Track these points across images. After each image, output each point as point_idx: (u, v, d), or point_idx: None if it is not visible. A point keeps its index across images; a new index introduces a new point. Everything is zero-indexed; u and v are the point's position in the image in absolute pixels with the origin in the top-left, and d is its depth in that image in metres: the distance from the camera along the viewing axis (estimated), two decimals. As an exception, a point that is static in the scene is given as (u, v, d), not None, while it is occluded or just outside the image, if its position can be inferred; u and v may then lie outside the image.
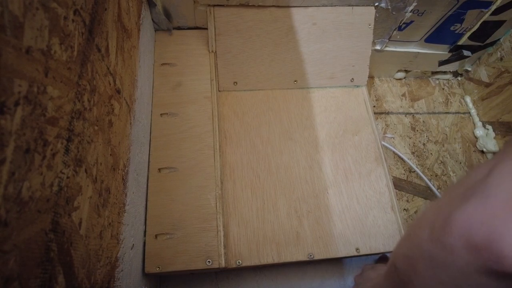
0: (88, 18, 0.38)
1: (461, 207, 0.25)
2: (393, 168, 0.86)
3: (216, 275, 0.68)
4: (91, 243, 0.37)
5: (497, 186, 0.24)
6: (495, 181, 0.25)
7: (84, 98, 0.36)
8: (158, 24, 0.72)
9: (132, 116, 0.54)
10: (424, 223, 0.30)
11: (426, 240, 0.29)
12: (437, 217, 0.28)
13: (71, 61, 0.33)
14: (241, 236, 0.62)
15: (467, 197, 0.25)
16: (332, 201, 0.67)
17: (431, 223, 0.28)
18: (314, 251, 0.62)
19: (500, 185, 0.24)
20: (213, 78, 0.71)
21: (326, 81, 0.79)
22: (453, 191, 0.29)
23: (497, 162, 0.26)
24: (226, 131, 0.71)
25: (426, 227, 0.29)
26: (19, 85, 0.25)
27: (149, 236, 0.58)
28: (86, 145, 0.36)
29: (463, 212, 0.25)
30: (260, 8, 0.72)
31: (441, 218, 0.27)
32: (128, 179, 0.51)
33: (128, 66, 0.53)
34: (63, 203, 0.31)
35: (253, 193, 0.66)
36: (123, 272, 0.46)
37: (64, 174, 0.31)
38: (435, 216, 0.28)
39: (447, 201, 0.28)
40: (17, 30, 0.25)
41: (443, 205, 0.28)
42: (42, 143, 0.28)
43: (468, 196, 0.25)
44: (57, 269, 0.30)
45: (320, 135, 0.74)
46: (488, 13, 0.77)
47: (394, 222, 0.67)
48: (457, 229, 0.25)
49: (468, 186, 0.26)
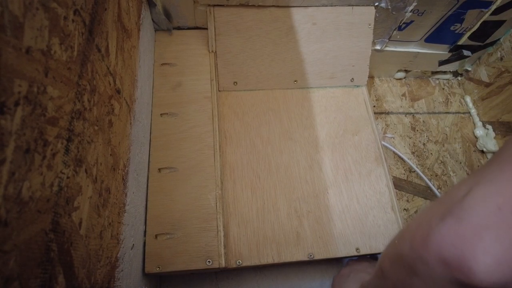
0: (88, 18, 0.38)
1: (437, 226, 0.29)
2: (393, 168, 0.86)
3: (216, 275, 0.68)
4: (91, 243, 0.37)
5: (470, 210, 0.27)
6: (469, 205, 0.27)
7: (84, 98, 0.36)
8: (158, 24, 0.72)
9: (132, 116, 0.54)
10: (406, 236, 0.33)
11: (407, 251, 0.32)
12: (417, 232, 0.31)
13: (71, 61, 0.33)
14: (241, 236, 0.62)
15: (444, 217, 0.28)
16: (332, 201, 0.67)
17: (412, 237, 0.32)
18: (314, 251, 0.62)
19: (473, 209, 0.27)
20: (213, 78, 0.71)
21: (326, 81, 0.79)
22: (434, 208, 0.32)
23: (475, 184, 0.28)
24: (226, 131, 0.71)
25: (407, 240, 0.32)
26: (19, 85, 0.25)
27: (149, 236, 0.58)
28: (86, 145, 0.36)
29: (438, 232, 0.28)
30: (260, 8, 0.72)
31: (420, 234, 0.30)
32: (128, 179, 0.51)
33: (128, 66, 0.53)
34: (63, 203, 0.31)
35: (253, 193, 0.66)
36: (123, 272, 0.46)
37: (64, 174, 0.31)
38: (415, 231, 0.32)
39: (427, 218, 0.31)
40: (17, 30, 0.25)
41: (423, 221, 0.31)
42: (42, 143, 0.28)
43: (445, 216, 0.29)
44: (57, 269, 0.30)
45: (320, 135, 0.74)
46: (488, 13, 0.77)
47: (394, 222, 0.67)
48: (432, 246, 0.28)
49: (447, 206, 0.29)
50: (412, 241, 0.31)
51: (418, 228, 0.31)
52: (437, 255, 0.28)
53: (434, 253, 0.28)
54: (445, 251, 0.27)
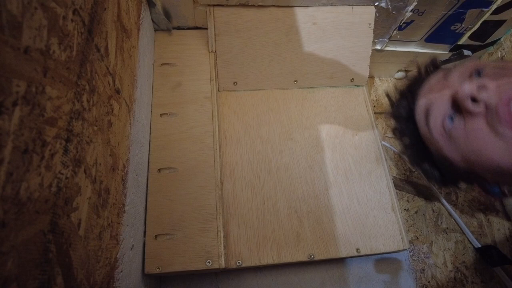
0: (87, 18, 0.38)
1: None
2: (393, 168, 0.86)
3: (216, 275, 0.68)
4: (90, 244, 0.37)
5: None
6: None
7: (83, 98, 0.36)
8: (158, 24, 0.72)
9: (131, 116, 0.54)
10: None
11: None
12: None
13: (70, 61, 0.33)
14: (241, 236, 0.62)
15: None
16: (333, 201, 0.67)
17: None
18: (315, 251, 0.62)
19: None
20: (213, 78, 0.71)
21: (326, 81, 0.79)
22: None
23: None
24: (226, 131, 0.71)
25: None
26: (18, 85, 0.25)
27: (149, 237, 0.58)
28: (85, 145, 0.36)
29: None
30: (260, 8, 0.71)
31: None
32: (127, 179, 0.51)
33: (128, 66, 0.53)
34: (62, 203, 0.31)
35: (253, 194, 0.66)
36: (122, 273, 0.46)
37: (63, 174, 0.31)
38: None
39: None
40: (15, 30, 0.25)
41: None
42: (40, 143, 0.27)
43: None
44: (55, 270, 0.29)
45: (320, 135, 0.73)
46: (489, 12, 0.77)
47: (394, 222, 0.67)
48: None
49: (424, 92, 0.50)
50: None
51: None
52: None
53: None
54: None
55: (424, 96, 0.49)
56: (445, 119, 0.45)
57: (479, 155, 0.41)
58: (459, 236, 0.79)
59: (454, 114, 0.44)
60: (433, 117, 0.46)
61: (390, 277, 0.71)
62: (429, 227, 0.80)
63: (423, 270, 0.75)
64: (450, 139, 0.44)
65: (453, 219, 0.81)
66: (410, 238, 0.78)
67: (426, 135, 0.48)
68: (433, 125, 0.46)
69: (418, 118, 0.49)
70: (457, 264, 0.76)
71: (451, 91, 0.44)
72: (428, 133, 0.47)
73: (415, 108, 0.50)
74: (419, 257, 0.76)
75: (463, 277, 0.75)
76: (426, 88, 0.50)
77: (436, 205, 0.82)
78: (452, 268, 0.76)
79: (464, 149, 0.43)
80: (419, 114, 0.49)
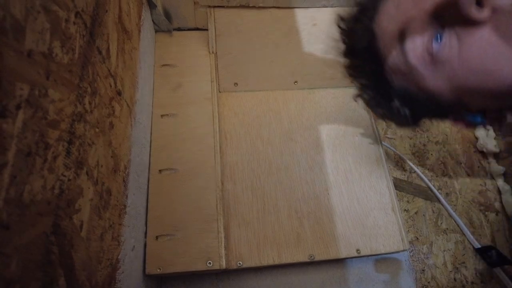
0: (89, 20, 0.38)
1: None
2: (393, 169, 0.86)
3: (216, 276, 0.68)
4: (92, 245, 0.37)
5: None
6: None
7: (85, 100, 0.36)
8: (159, 25, 0.72)
9: (132, 118, 0.54)
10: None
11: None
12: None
13: (72, 64, 0.33)
14: (241, 237, 0.62)
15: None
16: (333, 202, 0.67)
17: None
18: (315, 252, 0.63)
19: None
20: (213, 79, 0.71)
21: (327, 81, 0.79)
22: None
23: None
24: (227, 132, 0.71)
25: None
26: (21, 88, 0.25)
27: (149, 238, 0.58)
28: (87, 147, 0.36)
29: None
30: (260, 9, 0.72)
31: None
32: (129, 180, 0.51)
33: (129, 68, 0.53)
34: (64, 205, 0.31)
35: (253, 194, 0.66)
36: (124, 274, 0.46)
37: (65, 176, 0.31)
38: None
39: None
40: (18, 34, 0.25)
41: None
42: (43, 146, 0.28)
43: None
44: (58, 272, 0.30)
45: (321, 135, 0.74)
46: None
47: (394, 223, 0.67)
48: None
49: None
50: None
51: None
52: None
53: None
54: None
55: (391, 17, 0.39)
56: (429, 40, 0.36)
57: (486, 74, 0.34)
58: (459, 236, 0.79)
59: (442, 32, 0.35)
60: (410, 41, 0.37)
61: (390, 278, 0.72)
62: (429, 227, 0.80)
63: (423, 271, 0.75)
64: (436, 65, 0.37)
65: (453, 219, 0.81)
66: (410, 238, 0.78)
67: (396, 66, 0.40)
68: (411, 51, 0.37)
69: (384, 46, 0.40)
70: (457, 264, 0.77)
71: (435, 1, 0.35)
72: (403, 63, 0.39)
73: (378, 33, 0.40)
74: (419, 257, 0.76)
75: (463, 278, 0.75)
76: (391, 4, 0.39)
77: (436, 206, 0.82)
78: (452, 269, 0.76)
79: (459, 73, 0.35)
80: (386, 41, 0.40)
